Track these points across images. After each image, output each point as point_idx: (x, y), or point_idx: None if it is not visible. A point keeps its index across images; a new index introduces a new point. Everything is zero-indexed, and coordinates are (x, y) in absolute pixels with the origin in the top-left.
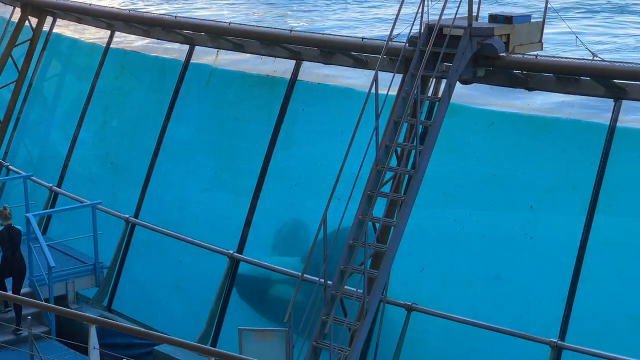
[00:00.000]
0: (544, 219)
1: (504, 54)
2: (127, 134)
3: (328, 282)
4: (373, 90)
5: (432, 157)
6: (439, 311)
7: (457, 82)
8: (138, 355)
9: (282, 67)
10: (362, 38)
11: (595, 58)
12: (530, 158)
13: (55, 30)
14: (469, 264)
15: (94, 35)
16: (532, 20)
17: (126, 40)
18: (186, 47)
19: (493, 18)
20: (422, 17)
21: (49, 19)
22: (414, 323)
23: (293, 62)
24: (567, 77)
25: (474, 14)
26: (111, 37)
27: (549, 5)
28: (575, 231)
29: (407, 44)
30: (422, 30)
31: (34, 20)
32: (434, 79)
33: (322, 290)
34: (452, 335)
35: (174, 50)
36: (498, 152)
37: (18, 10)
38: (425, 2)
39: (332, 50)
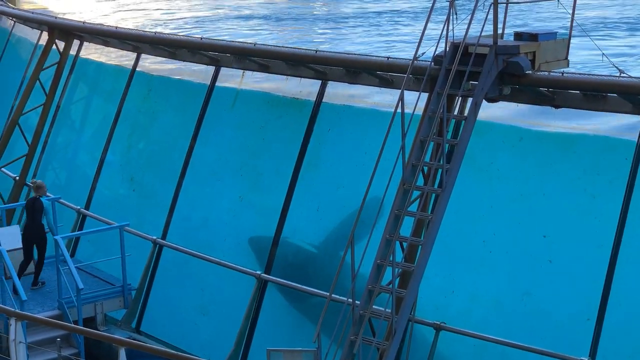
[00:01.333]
0: (573, 237)
1: (530, 72)
2: (154, 156)
3: (356, 301)
4: (399, 110)
5: (459, 176)
6: (468, 330)
7: (483, 100)
8: None
9: (307, 87)
10: (388, 57)
11: (622, 75)
12: (557, 176)
13: (82, 54)
14: (497, 283)
15: (120, 58)
16: (557, 37)
17: (152, 63)
18: (212, 69)
19: (518, 36)
20: (447, 35)
21: (76, 42)
22: (442, 342)
23: (319, 82)
24: (594, 94)
25: (499, 32)
26: (137, 59)
27: (574, 23)
28: (604, 249)
29: (433, 63)
30: (448, 49)
31: (61, 44)
32: (460, 98)
33: (350, 310)
34: (481, 355)
35: (200, 72)
36: (524, 170)
37: (45, 34)
38: (451, 21)
39: (357, 70)
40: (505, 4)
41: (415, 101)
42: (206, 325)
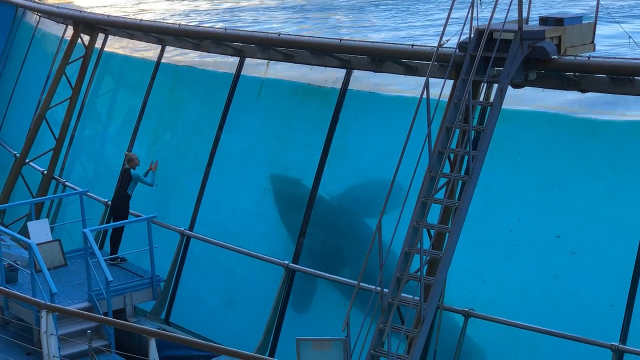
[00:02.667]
0: (602, 221)
1: (556, 57)
2: (180, 148)
3: (384, 290)
4: (424, 97)
5: (485, 162)
6: (497, 317)
7: (509, 86)
8: None
9: (332, 76)
10: (412, 45)
11: None
12: (584, 161)
13: (107, 47)
14: (526, 269)
15: (145, 50)
16: (583, 21)
17: (177, 55)
18: (236, 59)
19: (544, 20)
20: (471, 22)
21: (101, 36)
22: (471, 329)
23: (344, 70)
24: (620, 77)
25: (524, 17)
26: (162, 51)
27: (600, 6)
28: (634, 231)
29: (458, 50)
30: (472, 35)
31: (86, 38)
32: (485, 84)
33: (378, 298)
34: (510, 341)
35: (225, 64)
36: (551, 156)
37: (70, 28)
38: (475, 7)
39: (382, 58)
40: None
41: (441, 88)
42: (235, 316)
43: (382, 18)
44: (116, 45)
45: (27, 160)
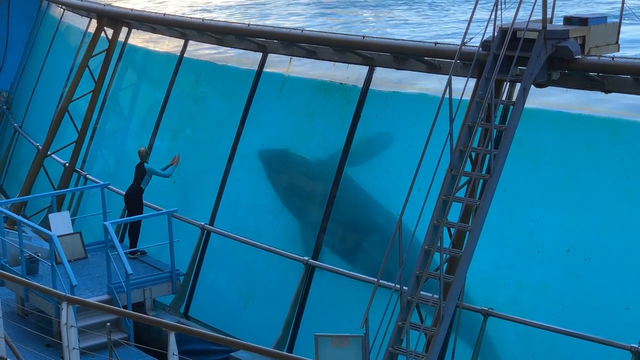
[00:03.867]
0: (622, 222)
1: (580, 57)
2: (201, 142)
3: (404, 287)
4: (447, 95)
5: (507, 161)
6: (516, 316)
7: (532, 85)
8: None
9: (354, 73)
10: (435, 43)
11: None
12: (606, 161)
13: (130, 41)
14: (545, 268)
15: (168, 45)
16: (608, 21)
17: (199, 50)
18: (259, 55)
19: (568, 20)
20: (495, 20)
21: (124, 30)
22: (490, 328)
23: (366, 67)
24: None
25: (549, 16)
26: (185, 46)
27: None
28: None
29: (481, 48)
30: (496, 34)
31: (109, 31)
32: (508, 83)
33: (397, 296)
34: (529, 341)
35: (247, 59)
36: (573, 156)
37: (94, 22)
38: (499, 6)
39: (405, 56)
40: None
41: (463, 87)
42: (254, 311)
43: (407, 15)
44: (139, 38)
45: (49, 153)
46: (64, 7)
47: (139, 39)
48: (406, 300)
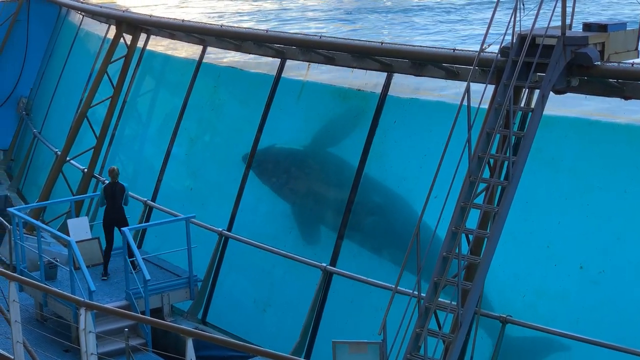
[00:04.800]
0: None
1: (599, 63)
2: (219, 148)
3: (422, 294)
4: (465, 102)
5: (525, 168)
6: (535, 323)
7: (551, 92)
8: None
9: (373, 79)
10: (454, 49)
11: None
12: (625, 168)
13: (149, 47)
14: (565, 276)
15: (186, 51)
16: (627, 28)
17: (217, 56)
18: (277, 61)
19: (587, 26)
20: (514, 27)
21: (143, 36)
22: (509, 335)
23: (384, 74)
24: None
25: (568, 22)
26: (203, 52)
27: None
28: None
29: (499, 55)
30: (515, 41)
31: (128, 38)
32: (527, 90)
33: (415, 303)
34: (548, 348)
35: (265, 65)
36: (592, 162)
37: (113, 28)
38: (518, 12)
39: (423, 62)
40: None
41: (482, 93)
42: (271, 317)
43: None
44: (158, 44)
45: (68, 158)
46: (83, 13)
47: (157, 45)
48: (424, 306)
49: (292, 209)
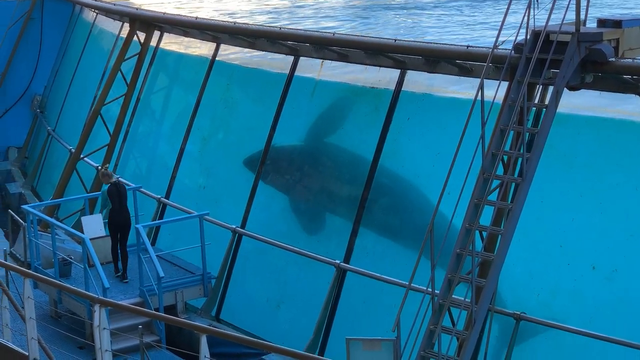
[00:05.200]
0: None
1: (613, 59)
2: (233, 146)
3: (435, 291)
4: (479, 98)
5: (539, 165)
6: (549, 320)
7: (565, 88)
8: None
9: (386, 76)
10: (467, 46)
11: None
12: None
13: (162, 44)
14: (579, 273)
15: (200, 49)
16: None
17: (231, 53)
18: (291, 58)
19: (602, 22)
20: (528, 23)
21: (157, 33)
22: (523, 333)
23: (398, 71)
24: None
25: (582, 18)
26: (217, 49)
27: None
28: None
29: (513, 51)
30: (528, 37)
31: (141, 35)
32: (541, 86)
33: (429, 300)
34: (562, 346)
35: (279, 62)
36: (606, 159)
37: (127, 26)
38: (532, 8)
39: (436, 59)
40: None
41: (495, 90)
42: (285, 314)
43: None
44: (171, 42)
45: (82, 156)
46: (96, 11)
47: (171, 42)
48: (438, 303)
49: (305, 206)
